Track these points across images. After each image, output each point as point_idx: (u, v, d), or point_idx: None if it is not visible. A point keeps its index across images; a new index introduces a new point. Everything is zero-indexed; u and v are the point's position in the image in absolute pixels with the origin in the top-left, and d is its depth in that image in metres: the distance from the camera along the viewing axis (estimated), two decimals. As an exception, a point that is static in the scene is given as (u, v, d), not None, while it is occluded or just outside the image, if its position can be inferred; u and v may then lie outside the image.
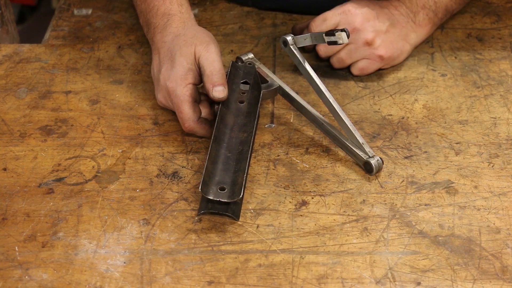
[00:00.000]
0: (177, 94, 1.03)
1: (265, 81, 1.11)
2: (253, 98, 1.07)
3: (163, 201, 0.99)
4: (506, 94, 1.15)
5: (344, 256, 0.92)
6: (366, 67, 1.16)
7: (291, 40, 1.07)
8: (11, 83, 1.18)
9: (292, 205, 0.98)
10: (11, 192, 1.00)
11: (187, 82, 1.03)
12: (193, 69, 1.04)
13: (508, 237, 0.93)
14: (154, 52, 1.10)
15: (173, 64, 1.05)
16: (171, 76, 1.04)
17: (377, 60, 1.16)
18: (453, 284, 0.88)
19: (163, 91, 1.05)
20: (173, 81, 1.04)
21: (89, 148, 1.07)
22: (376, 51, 1.15)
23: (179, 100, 1.03)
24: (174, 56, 1.05)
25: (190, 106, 1.03)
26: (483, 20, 1.30)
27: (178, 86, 1.03)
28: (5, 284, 0.89)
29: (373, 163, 1.01)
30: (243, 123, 1.04)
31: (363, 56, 1.16)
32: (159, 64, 1.07)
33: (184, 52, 1.05)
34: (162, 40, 1.08)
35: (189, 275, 0.90)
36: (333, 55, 1.17)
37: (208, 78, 1.03)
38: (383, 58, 1.16)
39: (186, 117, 1.03)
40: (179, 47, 1.06)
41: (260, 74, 1.12)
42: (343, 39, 1.02)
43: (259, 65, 1.14)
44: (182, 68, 1.04)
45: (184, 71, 1.04)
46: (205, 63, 1.04)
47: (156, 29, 1.10)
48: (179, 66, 1.04)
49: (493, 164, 1.03)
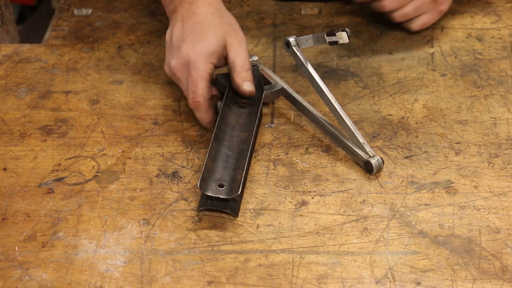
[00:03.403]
0: (197, 67, 1.04)
1: (268, 83, 1.12)
2: (255, 99, 1.07)
3: (163, 201, 0.99)
4: (506, 94, 1.15)
5: (344, 256, 0.92)
6: (427, 22, 1.25)
7: (293, 42, 1.09)
8: (11, 83, 1.18)
9: (292, 205, 0.98)
10: (11, 192, 1.00)
11: (211, 60, 1.05)
12: (220, 52, 1.06)
13: (508, 237, 0.93)
14: (177, 19, 1.09)
15: (202, 39, 1.05)
16: (196, 49, 1.05)
17: (437, 15, 1.25)
18: (453, 284, 0.88)
19: (182, 60, 1.05)
20: (198, 54, 1.04)
21: (89, 148, 1.07)
22: (440, 6, 1.23)
23: (198, 74, 1.04)
24: (205, 32, 1.06)
25: (207, 83, 1.04)
26: (483, 20, 1.30)
27: (201, 61, 1.04)
28: (5, 284, 0.89)
29: (373, 162, 1.01)
30: (245, 123, 1.04)
31: (427, 10, 1.23)
32: (182, 32, 1.07)
33: (218, 33, 1.06)
34: (191, 10, 1.08)
35: (189, 275, 0.90)
36: (398, 10, 1.23)
37: (238, 73, 1.05)
38: (442, 12, 1.24)
39: (200, 92, 1.03)
40: (213, 26, 1.06)
41: (264, 76, 1.13)
42: (344, 39, 1.04)
43: (263, 67, 1.15)
44: (212, 46, 1.05)
45: (212, 50, 1.05)
46: (235, 58, 1.06)
47: None
48: (209, 43, 1.05)
49: (493, 164, 1.03)
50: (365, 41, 1.27)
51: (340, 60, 1.23)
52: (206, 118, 1.06)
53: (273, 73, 1.14)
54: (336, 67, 1.21)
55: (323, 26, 1.30)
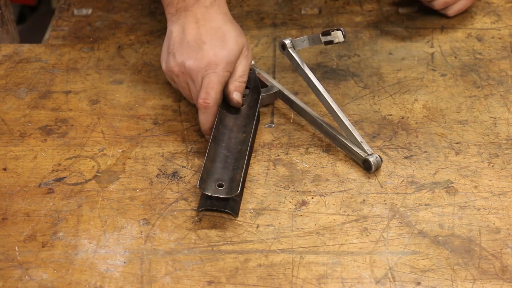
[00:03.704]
0: (218, 72, 1.04)
1: (265, 85, 1.13)
2: (252, 101, 1.08)
3: (163, 201, 0.99)
4: (506, 94, 1.15)
5: (344, 256, 0.92)
6: (462, 8, 1.29)
7: (289, 44, 1.09)
8: (11, 83, 1.18)
9: (292, 205, 0.98)
10: (11, 192, 1.00)
11: (229, 69, 1.06)
12: (236, 62, 1.07)
13: (508, 237, 0.93)
14: (189, 19, 1.08)
15: (224, 46, 1.06)
16: (219, 55, 1.05)
17: (471, 1, 1.29)
18: (453, 284, 0.88)
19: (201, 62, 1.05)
20: (220, 60, 1.05)
21: (89, 148, 1.07)
22: None
23: (217, 79, 1.04)
24: (227, 39, 1.06)
25: (221, 90, 1.05)
26: (483, 20, 1.30)
27: (222, 67, 1.05)
28: (5, 284, 0.89)
29: (371, 160, 1.01)
30: (243, 125, 1.05)
31: None
32: (200, 34, 1.07)
33: (238, 43, 1.07)
34: (209, 14, 1.08)
35: (189, 275, 0.90)
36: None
37: (234, 80, 1.06)
38: None
39: (214, 95, 1.04)
40: (234, 35, 1.07)
41: (260, 79, 1.13)
42: (339, 38, 1.04)
43: (259, 71, 1.15)
44: (233, 55, 1.06)
45: (233, 59, 1.06)
46: (238, 66, 1.07)
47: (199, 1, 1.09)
48: (231, 51, 1.06)
49: (493, 164, 1.03)
50: (365, 41, 1.27)
51: (340, 60, 1.23)
52: (209, 122, 1.06)
53: (269, 76, 1.15)
54: (336, 67, 1.21)
55: (323, 26, 1.30)
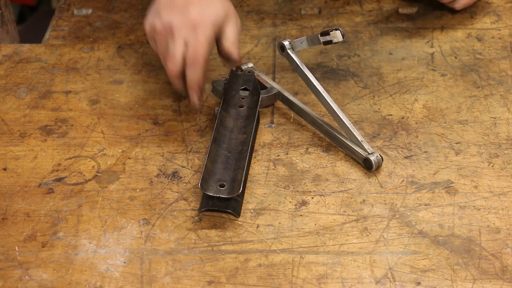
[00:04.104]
0: (205, 31, 1.03)
1: (264, 87, 1.13)
2: (252, 103, 1.09)
3: (163, 201, 0.99)
4: (506, 94, 1.15)
5: (344, 256, 0.92)
6: (470, 1, 1.29)
7: (288, 45, 1.10)
8: (11, 83, 1.18)
9: (292, 205, 0.98)
10: (11, 192, 1.00)
11: (215, 29, 1.04)
12: (221, 23, 1.05)
13: (508, 237, 0.93)
14: None
15: (209, 6, 1.04)
16: (205, 14, 1.04)
17: None
18: (453, 284, 0.88)
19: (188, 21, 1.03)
20: (207, 19, 1.03)
21: (89, 148, 1.07)
22: None
23: (205, 37, 1.02)
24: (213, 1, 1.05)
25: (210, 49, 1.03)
26: (483, 20, 1.30)
27: (209, 26, 1.03)
28: (5, 284, 0.89)
29: (372, 159, 1.01)
30: (243, 126, 1.05)
31: None
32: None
33: (225, 5, 1.05)
34: None
35: (189, 275, 0.90)
36: None
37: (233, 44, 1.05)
38: None
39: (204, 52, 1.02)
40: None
41: (259, 81, 1.13)
42: (338, 38, 1.05)
43: (259, 73, 1.15)
44: (218, 15, 1.04)
45: (218, 19, 1.04)
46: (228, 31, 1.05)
47: None
48: (216, 11, 1.04)
49: (493, 164, 1.03)
50: (365, 41, 1.27)
51: (340, 60, 1.23)
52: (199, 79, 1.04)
53: (268, 78, 1.15)
54: (336, 67, 1.21)
55: (323, 26, 1.30)
